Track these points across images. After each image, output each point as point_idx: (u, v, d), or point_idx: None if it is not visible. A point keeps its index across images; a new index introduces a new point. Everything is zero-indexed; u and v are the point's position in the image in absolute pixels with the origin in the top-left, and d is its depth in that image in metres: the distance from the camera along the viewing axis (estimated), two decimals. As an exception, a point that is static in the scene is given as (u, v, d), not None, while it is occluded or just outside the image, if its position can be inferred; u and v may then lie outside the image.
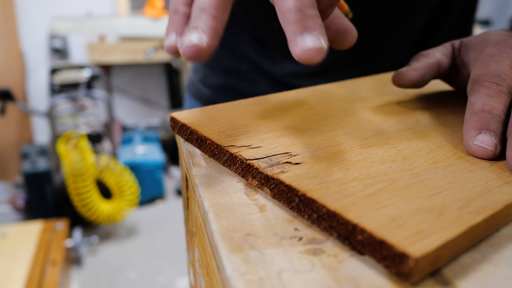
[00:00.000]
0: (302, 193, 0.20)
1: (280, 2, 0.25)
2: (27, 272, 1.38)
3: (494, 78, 0.30)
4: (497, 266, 0.17)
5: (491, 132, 0.27)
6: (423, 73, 0.35)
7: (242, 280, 0.16)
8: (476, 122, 0.27)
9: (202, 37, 0.24)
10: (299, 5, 0.24)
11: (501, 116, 0.28)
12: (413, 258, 0.16)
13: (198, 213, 0.25)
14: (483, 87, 0.29)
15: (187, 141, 0.29)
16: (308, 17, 0.24)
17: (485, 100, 0.29)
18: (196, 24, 0.24)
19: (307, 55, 0.23)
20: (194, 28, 0.24)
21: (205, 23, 0.24)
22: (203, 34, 0.24)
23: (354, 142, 0.26)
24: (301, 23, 0.24)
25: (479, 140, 0.26)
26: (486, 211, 0.19)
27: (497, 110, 0.28)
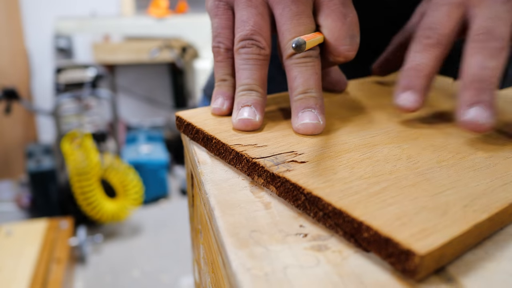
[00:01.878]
0: (308, 191, 0.20)
1: (289, 80, 0.30)
2: (32, 270, 1.39)
3: (424, 31, 0.30)
4: (500, 264, 0.18)
5: (413, 89, 0.29)
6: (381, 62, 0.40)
7: (247, 275, 0.16)
8: (402, 81, 0.29)
9: (255, 112, 0.29)
10: (305, 87, 0.29)
11: (426, 70, 0.29)
12: (418, 255, 0.16)
13: (204, 210, 0.25)
14: (413, 42, 0.31)
15: (193, 140, 0.29)
16: (311, 97, 0.29)
17: (411, 57, 0.30)
18: (247, 101, 0.29)
19: (305, 127, 0.28)
20: (246, 105, 0.29)
21: (255, 100, 0.29)
22: (256, 110, 0.29)
23: (359, 141, 0.27)
24: (304, 101, 0.29)
25: (402, 99, 0.29)
26: (490, 210, 0.19)
27: (422, 65, 0.29)
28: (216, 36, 0.32)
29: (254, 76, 0.30)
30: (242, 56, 0.30)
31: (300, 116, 0.28)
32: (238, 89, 0.30)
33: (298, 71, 0.29)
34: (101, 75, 2.27)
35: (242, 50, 0.30)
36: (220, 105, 0.31)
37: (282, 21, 0.30)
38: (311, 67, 0.29)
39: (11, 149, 2.50)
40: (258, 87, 0.30)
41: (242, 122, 0.28)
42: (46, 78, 2.64)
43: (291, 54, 0.29)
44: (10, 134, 2.49)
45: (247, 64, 0.30)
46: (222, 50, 0.32)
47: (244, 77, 0.30)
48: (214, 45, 0.32)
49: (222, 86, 0.32)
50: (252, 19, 0.30)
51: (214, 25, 0.32)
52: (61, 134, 2.05)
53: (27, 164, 1.98)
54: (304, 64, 0.29)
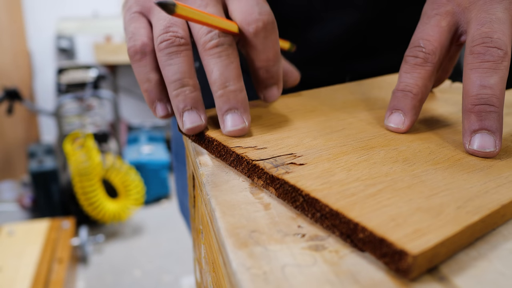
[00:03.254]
0: (306, 193, 0.21)
1: (207, 73, 0.29)
2: (34, 270, 1.39)
3: (412, 50, 0.30)
4: (491, 263, 0.18)
5: (401, 111, 0.29)
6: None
7: (247, 274, 0.17)
8: (390, 103, 0.30)
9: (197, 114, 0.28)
10: (223, 79, 0.28)
11: (414, 90, 0.29)
12: (411, 255, 0.16)
13: (205, 211, 0.26)
14: (403, 62, 0.30)
15: (194, 142, 0.30)
16: (230, 92, 0.28)
17: (400, 78, 0.30)
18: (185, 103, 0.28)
19: (232, 134, 0.28)
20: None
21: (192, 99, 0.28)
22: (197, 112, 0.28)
23: (356, 143, 0.27)
24: (225, 100, 0.28)
25: (390, 121, 0.29)
26: (483, 211, 0.20)
27: (410, 86, 0.29)
28: (131, 37, 0.30)
29: (182, 69, 0.28)
30: (164, 51, 0.28)
31: (225, 121, 0.28)
32: (170, 89, 0.28)
33: (214, 63, 0.28)
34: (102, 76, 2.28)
35: (162, 45, 0.28)
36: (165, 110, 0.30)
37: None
38: (225, 56, 0.28)
39: (13, 149, 2.51)
40: (189, 79, 0.28)
41: (191, 130, 0.28)
42: (48, 79, 2.65)
43: (204, 44, 0.28)
44: (12, 134, 2.50)
45: (170, 58, 0.28)
46: (138, 47, 0.29)
47: (172, 73, 0.28)
48: (128, 45, 0.30)
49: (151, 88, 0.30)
50: (168, 17, 0.29)
51: (129, 30, 0.31)
52: (63, 135, 2.06)
53: (29, 164, 1.99)
54: (218, 54, 0.28)
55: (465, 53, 0.27)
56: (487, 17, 0.27)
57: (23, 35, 2.51)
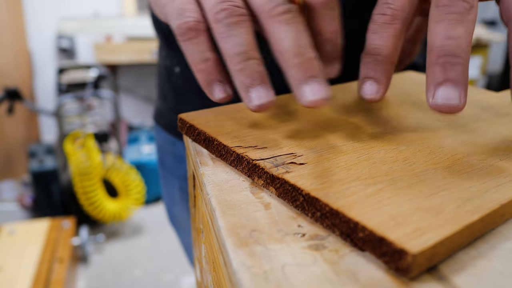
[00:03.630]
0: (306, 193, 0.21)
1: (275, 42, 0.26)
2: (34, 270, 1.40)
3: (380, 7, 0.28)
4: (491, 262, 0.18)
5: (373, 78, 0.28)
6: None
7: (247, 274, 0.17)
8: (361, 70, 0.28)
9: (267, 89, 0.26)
10: (298, 47, 0.25)
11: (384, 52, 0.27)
12: (411, 254, 0.17)
13: (206, 210, 0.26)
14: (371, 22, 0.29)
15: (194, 141, 0.30)
16: (309, 60, 0.25)
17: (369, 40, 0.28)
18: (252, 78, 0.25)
19: (316, 103, 0.25)
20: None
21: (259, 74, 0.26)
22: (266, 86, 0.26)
23: (356, 143, 0.27)
24: (303, 68, 0.25)
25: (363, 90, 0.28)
26: (482, 210, 0.20)
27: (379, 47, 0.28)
28: (180, 14, 0.27)
29: (246, 41, 0.26)
30: (223, 22, 0.26)
31: (305, 88, 0.25)
32: (233, 62, 0.26)
33: (284, 30, 0.25)
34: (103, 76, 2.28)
35: (221, 15, 0.26)
36: (224, 91, 0.27)
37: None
38: (296, 23, 0.25)
39: (14, 149, 2.51)
40: (254, 52, 0.26)
41: (263, 107, 0.25)
42: (49, 79, 2.65)
43: (271, 10, 0.26)
44: (12, 134, 2.50)
45: (231, 29, 0.26)
46: (192, 23, 0.27)
47: (235, 44, 0.25)
48: (179, 22, 0.27)
49: (209, 69, 0.27)
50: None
51: (175, 5, 0.28)
52: (64, 134, 2.06)
53: (29, 164, 1.99)
54: (288, 20, 0.25)
55: (430, 8, 0.26)
56: None
57: (24, 35, 2.51)
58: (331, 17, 0.28)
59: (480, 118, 0.33)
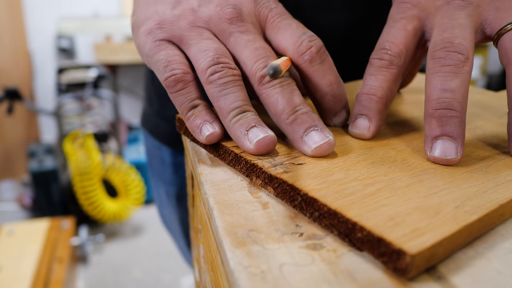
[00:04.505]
0: (304, 193, 0.21)
1: (270, 106, 0.27)
2: (34, 270, 1.39)
3: (378, 53, 0.29)
4: (489, 262, 0.18)
5: (366, 116, 0.28)
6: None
7: (245, 273, 0.17)
8: (354, 108, 0.29)
9: (265, 129, 0.26)
10: (291, 106, 0.26)
11: (378, 93, 0.28)
12: (409, 254, 0.16)
13: (204, 210, 0.26)
14: (368, 65, 0.29)
15: (193, 141, 0.30)
16: (303, 115, 0.26)
17: (365, 81, 0.29)
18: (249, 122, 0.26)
19: (322, 150, 0.25)
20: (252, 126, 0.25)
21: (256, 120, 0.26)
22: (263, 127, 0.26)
23: (355, 143, 0.27)
24: (299, 123, 0.26)
25: (354, 127, 0.28)
26: (481, 211, 0.20)
27: (374, 88, 0.28)
28: (167, 65, 0.28)
29: (241, 98, 0.26)
30: (216, 82, 0.27)
31: (306, 140, 0.25)
32: (229, 117, 0.26)
33: (276, 93, 0.26)
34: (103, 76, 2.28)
35: (214, 76, 0.27)
36: (211, 129, 0.27)
37: (238, 49, 0.28)
38: (287, 85, 0.27)
39: (13, 149, 2.51)
40: (249, 107, 0.27)
41: (263, 143, 0.25)
42: (48, 78, 2.65)
43: (261, 78, 0.27)
44: (12, 134, 2.50)
45: (225, 88, 0.26)
46: (179, 75, 0.27)
47: (230, 102, 0.26)
48: (167, 75, 0.27)
49: (198, 112, 0.27)
50: (212, 46, 0.28)
51: (161, 58, 0.28)
52: (63, 134, 2.06)
53: (29, 164, 1.99)
54: (280, 84, 0.27)
55: (427, 59, 0.27)
56: (450, 22, 0.27)
57: (23, 35, 2.51)
58: (323, 71, 0.28)
59: (480, 118, 0.33)
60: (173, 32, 0.29)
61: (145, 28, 0.30)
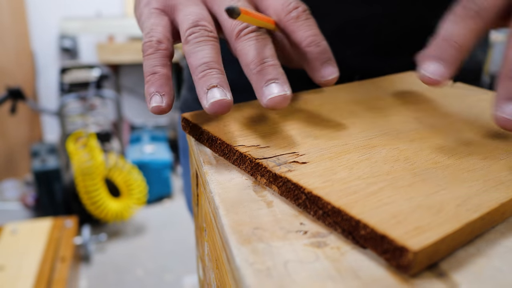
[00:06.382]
0: (309, 191, 0.21)
1: (242, 57, 0.29)
2: (37, 269, 1.40)
3: (465, 2, 0.28)
4: (490, 260, 0.18)
5: (443, 61, 0.26)
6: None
7: (250, 270, 0.17)
8: (431, 51, 0.27)
9: (224, 92, 0.26)
10: (259, 58, 0.28)
11: (460, 41, 0.27)
12: (412, 251, 0.17)
13: (209, 208, 0.26)
14: (451, 13, 0.28)
15: (198, 141, 0.30)
16: (268, 67, 0.27)
17: (445, 27, 0.28)
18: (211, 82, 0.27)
19: (274, 101, 0.26)
20: (212, 86, 0.27)
21: (220, 79, 0.27)
22: (224, 89, 0.27)
23: (358, 142, 0.28)
24: (263, 74, 0.27)
25: (428, 70, 0.27)
26: (482, 209, 0.20)
27: (457, 36, 0.27)
28: (148, 32, 0.30)
29: (210, 55, 0.28)
30: (191, 42, 0.28)
31: (264, 90, 0.27)
32: (196, 72, 0.27)
33: (249, 45, 0.28)
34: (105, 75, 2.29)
35: (191, 37, 0.29)
36: (159, 102, 0.28)
37: (220, 11, 0.30)
38: (261, 39, 0.28)
39: (16, 148, 2.52)
40: (216, 64, 0.28)
41: (217, 105, 0.26)
42: (51, 78, 2.66)
43: (238, 33, 0.29)
44: (15, 133, 2.51)
45: (198, 46, 0.28)
46: (153, 42, 0.29)
47: (199, 57, 0.28)
48: (144, 40, 0.30)
49: (154, 80, 0.28)
50: (196, 11, 0.30)
51: (147, 25, 0.31)
52: (66, 134, 2.07)
53: (32, 163, 2.00)
54: (254, 38, 0.28)
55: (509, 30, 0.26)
56: None
57: (27, 35, 2.52)
58: (308, 26, 0.30)
59: (481, 118, 0.33)
60: (167, 2, 0.32)
61: (145, 1, 0.33)
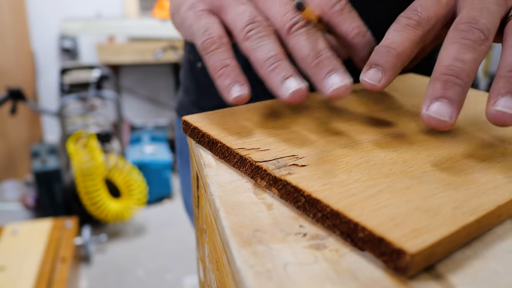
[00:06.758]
0: (308, 194, 0.22)
1: (297, 51, 0.29)
2: (37, 269, 1.40)
3: (408, 12, 0.30)
4: (486, 262, 0.19)
5: (381, 67, 0.28)
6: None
7: (251, 272, 0.18)
8: (371, 57, 0.29)
9: (299, 80, 0.28)
10: (314, 51, 0.28)
11: (399, 49, 0.28)
12: (409, 253, 0.17)
13: (209, 210, 0.26)
14: (395, 22, 0.30)
15: (198, 143, 0.31)
16: (325, 59, 0.28)
17: (388, 35, 0.29)
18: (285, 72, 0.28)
19: (338, 93, 0.27)
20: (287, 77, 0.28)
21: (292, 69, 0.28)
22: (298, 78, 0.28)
23: (357, 145, 0.28)
24: (321, 66, 0.28)
25: (366, 76, 0.28)
26: (479, 212, 0.20)
27: (396, 43, 0.28)
28: (206, 31, 0.30)
29: (276, 49, 0.29)
30: (253, 37, 0.29)
31: (326, 82, 0.27)
32: (265, 66, 0.28)
33: (303, 40, 0.29)
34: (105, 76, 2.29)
35: (251, 33, 0.29)
36: (240, 91, 0.28)
37: (268, 7, 0.31)
38: (313, 33, 0.29)
39: (17, 149, 2.52)
40: (283, 55, 0.29)
41: (296, 94, 0.27)
42: (51, 79, 2.66)
43: (290, 28, 0.29)
44: (15, 134, 2.51)
45: (262, 40, 0.29)
46: (215, 38, 0.30)
47: (266, 51, 0.28)
48: (204, 38, 0.30)
49: (228, 72, 0.29)
50: (248, 9, 0.31)
51: (201, 25, 0.31)
52: (66, 135, 2.07)
53: (32, 164, 2.00)
54: (306, 32, 0.29)
55: (449, 30, 0.27)
56: (479, 5, 0.28)
57: (27, 35, 2.52)
58: (351, 18, 0.32)
59: (479, 121, 0.33)
60: (213, 2, 0.32)
61: (187, 5, 0.33)
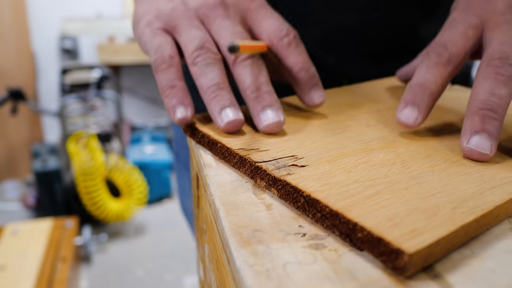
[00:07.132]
0: (307, 194, 0.22)
1: (239, 82, 0.31)
2: (38, 269, 1.40)
3: (438, 48, 0.30)
4: (484, 262, 0.19)
5: (417, 106, 0.29)
6: (407, 71, 0.41)
7: (250, 271, 0.18)
8: (406, 96, 0.30)
9: (237, 111, 0.29)
10: (255, 84, 0.31)
11: (432, 87, 0.29)
12: (407, 253, 0.17)
13: (209, 210, 0.27)
14: (424, 58, 0.31)
15: (198, 143, 0.31)
16: (264, 93, 0.30)
17: (419, 72, 0.30)
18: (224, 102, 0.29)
19: (270, 128, 0.29)
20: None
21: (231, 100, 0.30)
22: (235, 109, 0.29)
23: (356, 145, 0.28)
24: (259, 100, 0.30)
25: (403, 114, 0.29)
26: (477, 212, 0.20)
27: (429, 82, 0.29)
28: (157, 49, 0.32)
29: (219, 77, 0.30)
30: (199, 64, 0.31)
31: (261, 118, 0.29)
32: (208, 93, 0.30)
33: (246, 72, 0.31)
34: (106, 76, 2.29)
35: (198, 59, 0.31)
36: (184, 113, 0.30)
37: (219, 33, 0.32)
38: (256, 65, 0.31)
39: (17, 149, 2.53)
40: (225, 85, 0.30)
41: (231, 124, 0.29)
42: (52, 79, 2.67)
43: (234, 59, 0.31)
44: (16, 134, 2.51)
45: (207, 68, 0.30)
46: (166, 58, 0.31)
47: (209, 79, 0.30)
48: (156, 57, 0.31)
49: (175, 93, 0.30)
50: (200, 34, 0.32)
51: (155, 43, 0.32)
52: (67, 135, 2.07)
53: (33, 164, 2.00)
54: (250, 64, 0.31)
55: (481, 65, 0.28)
56: (507, 39, 0.29)
57: (27, 36, 2.53)
58: (298, 52, 0.33)
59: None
60: (168, 22, 0.33)
61: (145, 21, 0.34)
